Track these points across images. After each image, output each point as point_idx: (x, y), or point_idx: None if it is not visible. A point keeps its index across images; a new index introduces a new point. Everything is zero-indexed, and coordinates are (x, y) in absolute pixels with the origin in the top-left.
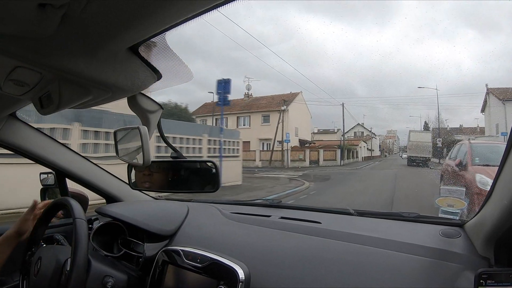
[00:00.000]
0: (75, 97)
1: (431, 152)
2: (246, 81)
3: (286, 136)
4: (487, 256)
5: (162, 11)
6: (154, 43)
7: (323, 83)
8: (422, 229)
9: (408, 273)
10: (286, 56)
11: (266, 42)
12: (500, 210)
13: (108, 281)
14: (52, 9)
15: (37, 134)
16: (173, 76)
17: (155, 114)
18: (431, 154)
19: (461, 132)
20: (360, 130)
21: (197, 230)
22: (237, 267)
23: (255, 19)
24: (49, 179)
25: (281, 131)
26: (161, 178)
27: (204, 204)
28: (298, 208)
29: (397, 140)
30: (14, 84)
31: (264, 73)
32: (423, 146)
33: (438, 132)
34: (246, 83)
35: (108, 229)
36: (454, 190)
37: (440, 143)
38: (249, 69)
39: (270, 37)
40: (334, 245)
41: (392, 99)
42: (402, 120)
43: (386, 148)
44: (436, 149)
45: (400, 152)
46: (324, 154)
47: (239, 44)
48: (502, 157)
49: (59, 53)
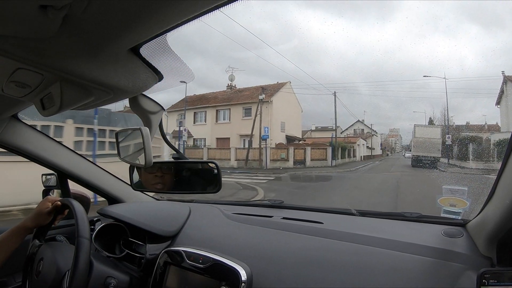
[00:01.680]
0: (77, 98)
1: (440, 151)
2: (229, 71)
3: (264, 131)
4: (489, 255)
5: (163, 12)
6: (155, 44)
7: (324, 79)
8: (424, 229)
9: (410, 273)
10: (286, 53)
11: (266, 40)
12: (502, 210)
13: (110, 282)
14: (53, 10)
15: (38, 136)
16: (174, 76)
17: (157, 115)
18: (440, 153)
19: (468, 129)
20: (360, 127)
21: (199, 231)
22: (239, 267)
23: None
24: (51, 180)
25: (259, 125)
26: (163, 179)
27: (206, 205)
28: (300, 208)
29: (399, 139)
30: (15, 85)
31: (263, 70)
32: (431, 143)
33: (447, 128)
34: (229, 73)
35: (110, 230)
36: (456, 189)
37: (450, 140)
38: (249, 67)
39: (270, 35)
40: (337, 246)
41: (395, 94)
42: (406, 118)
43: (388, 147)
44: (445, 147)
45: (403, 150)
46: (312, 153)
47: (238, 42)
48: (504, 156)
49: (61, 55)
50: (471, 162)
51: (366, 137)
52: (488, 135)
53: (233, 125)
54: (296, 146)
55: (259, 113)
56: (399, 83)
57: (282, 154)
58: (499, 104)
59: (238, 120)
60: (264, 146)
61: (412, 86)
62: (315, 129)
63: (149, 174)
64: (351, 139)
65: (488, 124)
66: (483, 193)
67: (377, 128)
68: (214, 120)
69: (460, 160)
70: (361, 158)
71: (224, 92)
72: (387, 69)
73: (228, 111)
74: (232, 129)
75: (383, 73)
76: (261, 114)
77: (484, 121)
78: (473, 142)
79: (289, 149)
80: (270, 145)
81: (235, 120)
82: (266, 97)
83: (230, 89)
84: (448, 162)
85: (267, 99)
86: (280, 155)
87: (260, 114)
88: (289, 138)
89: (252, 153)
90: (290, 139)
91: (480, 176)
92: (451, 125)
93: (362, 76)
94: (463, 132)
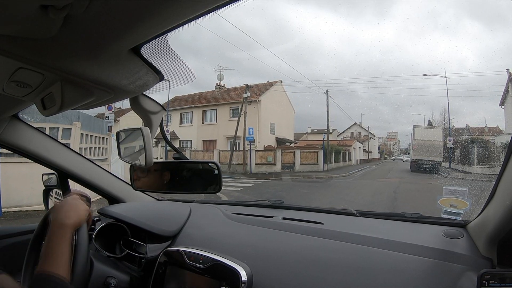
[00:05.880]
0: (78, 98)
1: (442, 154)
2: (218, 70)
3: (248, 132)
4: (489, 256)
5: (164, 12)
6: (156, 44)
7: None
8: (425, 230)
9: (410, 274)
10: (281, 53)
11: (259, 39)
12: (503, 211)
13: (110, 282)
14: (54, 10)
15: (39, 135)
16: (175, 76)
17: (157, 115)
18: (442, 157)
19: (468, 132)
20: (357, 130)
21: (199, 231)
22: (240, 268)
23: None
24: (52, 180)
25: (244, 126)
26: (163, 179)
27: (206, 205)
28: (300, 208)
29: (398, 143)
30: (16, 85)
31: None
32: (432, 146)
33: (449, 130)
34: (218, 72)
35: (110, 230)
36: (457, 190)
37: (452, 143)
38: (244, 68)
39: (264, 34)
40: (337, 246)
41: (394, 97)
42: (404, 122)
43: (386, 150)
44: (446, 150)
45: (401, 154)
46: (302, 156)
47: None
48: (505, 158)
49: (62, 54)
50: (475, 166)
51: (363, 140)
52: (493, 137)
53: (219, 126)
54: (284, 148)
55: (244, 113)
56: (398, 84)
57: (268, 158)
58: (503, 104)
59: (225, 121)
60: (249, 149)
61: (411, 87)
62: (311, 131)
63: (150, 174)
64: (346, 142)
65: (488, 126)
66: (483, 195)
67: (375, 131)
68: (200, 121)
69: (463, 164)
70: (357, 162)
71: (213, 92)
72: (385, 69)
73: (215, 111)
74: (218, 131)
75: (381, 73)
76: (245, 113)
77: (485, 123)
78: (478, 145)
79: (276, 152)
80: (256, 147)
81: (221, 121)
82: (254, 96)
83: (219, 88)
84: (450, 167)
85: (254, 98)
86: (266, 159)
87: (244, 113)
88: (279, 140)
89: (237, 156)
90: (281, 142)
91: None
92: (450, 128)
93: (358, 75)
94: (464, 135)
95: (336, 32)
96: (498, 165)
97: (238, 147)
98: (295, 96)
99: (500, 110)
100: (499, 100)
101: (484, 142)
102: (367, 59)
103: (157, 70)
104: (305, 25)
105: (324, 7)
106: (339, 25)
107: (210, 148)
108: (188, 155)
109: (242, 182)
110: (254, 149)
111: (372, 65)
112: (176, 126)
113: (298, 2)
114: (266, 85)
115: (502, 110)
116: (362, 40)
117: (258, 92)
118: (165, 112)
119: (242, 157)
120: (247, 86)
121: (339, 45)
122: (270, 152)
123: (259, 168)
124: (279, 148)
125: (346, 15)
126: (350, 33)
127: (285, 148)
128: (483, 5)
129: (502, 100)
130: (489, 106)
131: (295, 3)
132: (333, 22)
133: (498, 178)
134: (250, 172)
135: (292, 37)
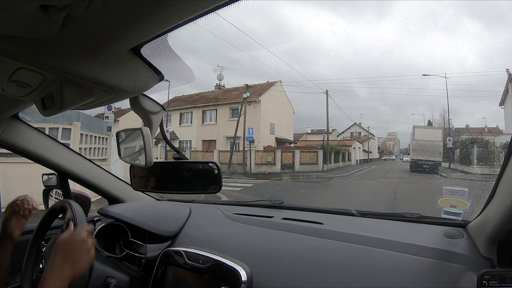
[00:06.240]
0: (78, 98)
1: (441, 154)
2: (218, 70)
3: (248, 132)
4: (489, 256)
5: (164, 12)
6: (156, 44)
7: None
8: (425, 230)
9: (410, 274)
10: (281, 53)
11: (259, 40)
12: (502, 211)
13: (110, 282)
14: (54, 10)
15: (39, 135)
16: (175, 76)
17: (157, 115)
18: (442, 157)
19: (468, 132)
20: (357, 130)
21: (200, 231)
22: (240, 268)
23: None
24: (52, 180)
25: (243, 126)
26: (163, 179)
27: (206, 205)
28: (300, 209)
29: (397, 143)
30: (16, 85)
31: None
32: (432, 146)
33: (449, 130)
34: (218, 72)
35: (110, 230)
36: (457, 190)
37: (451, 143)
38: (244, 68)
39: (265, 34)
40: (337, 246)
41: (394, 97)
42: (404, 122)
43: (386, 150)
44: (445, 150)
45: (400, 154)
46: (301, 156)
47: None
48: (504, 158)
49: (62, 55)
50: (475, 166)
51: (363, 140)
52: (492, 137)
53: (219, 127)
54: (284, 149)
55: (243, 113)
56: (398, 84)
57: (268, 158)
58: (503, 104)
59: (224, 121)
60: (249, 149)
61: (411, 87)
62: (311, 132)
63: (150, 174)
64: (346, 142)
65: (488, 127)
66: (483, 195)
67: (375, 131)
68: (200, 121)
69: (463, 165)
70: (357, 162)
71: (212, 92)
72: (384, 69)
73: (215, 111)
74: (218, 131)
75: (381, 73)
76: (245, 113)
77: (484, 123)
78: (478, 145)
79: (276, 152)
80: (256, 147)
81: (221, 121)
82: (253, 96)
83: (219, 88)
84: (449, 167)
85: (254, 98)
86: (266, 159)
87: (244, 113)
88: (279, 140)
89: (237, 156)
90: (281, 142)
91: (491, 183)
92: (451, 128)
93: (358, 75)
94: (463, 135)
95: (335, 32)
96: (498, 165)
97: (238, 147)
98: (295, 96)
99: (500, 110)
100: (499, 100)
101: (484, 142)
102: (366, 59)
103: (157, 70)
104: (305, 25)
105: (324, 7)
106: (339, 25)
107: (210, 148)
108: (188, 155)
109: (242, 182)
110: (254, 149)
111: (371, 65)
112: (176, 126)
113: (298, 2)
114: (266, 85)
115: (502, 110)
116: (361, 40)
117: (258, 92)
118: (165, 112)
119: (242, 157)
120: (247, 86)
121: (338, 45)
122: (270, 152)
123: (259, 168)
124: (278, 148)
125: (345, 15)
126: (350, 33)
127: (284, 148)
128: (483, 5)
129: (502, 100)
130: (489, 106)
131: (294, 3)
132: (333, 22)
133: (498, 178)
134: (250, 172)
135: (292, 37)
